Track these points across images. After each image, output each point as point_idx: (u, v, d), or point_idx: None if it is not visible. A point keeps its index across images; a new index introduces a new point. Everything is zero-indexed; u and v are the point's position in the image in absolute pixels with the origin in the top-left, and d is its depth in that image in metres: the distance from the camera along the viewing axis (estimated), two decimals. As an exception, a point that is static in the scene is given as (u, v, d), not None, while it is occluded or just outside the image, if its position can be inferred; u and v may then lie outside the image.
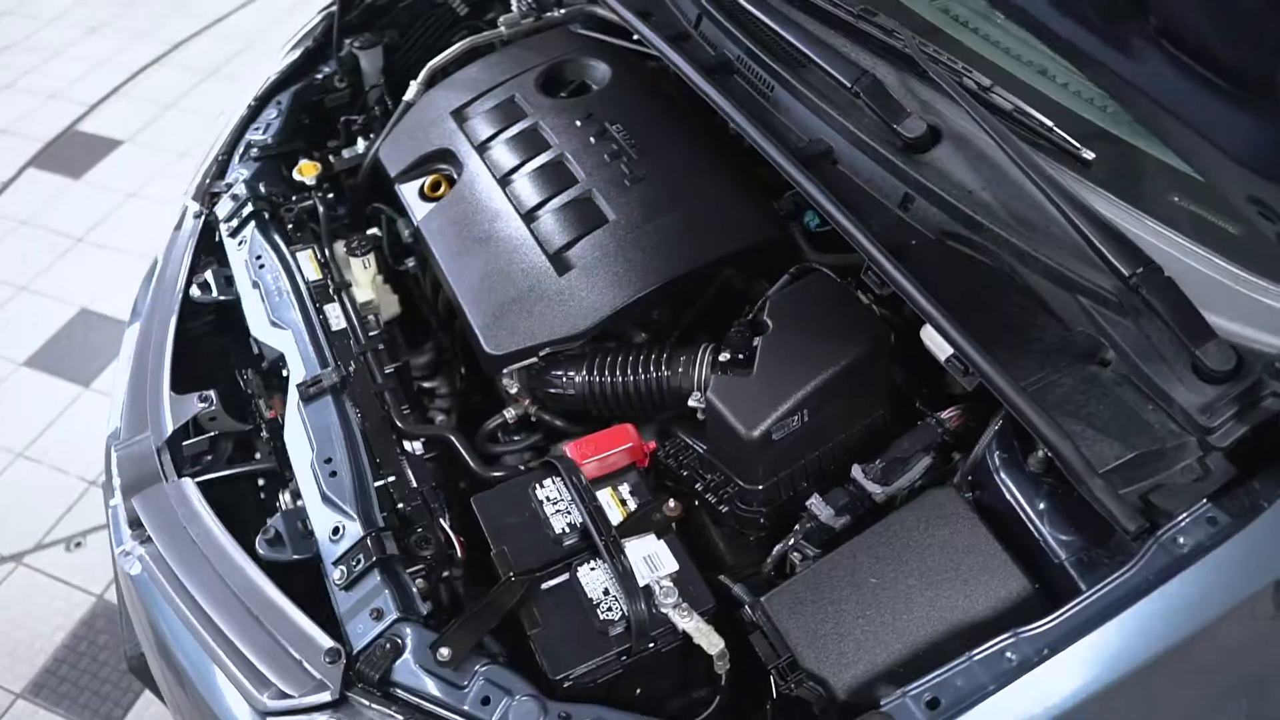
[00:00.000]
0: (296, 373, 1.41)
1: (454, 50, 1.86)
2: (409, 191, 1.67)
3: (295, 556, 1.25)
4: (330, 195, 1.76)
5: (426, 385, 1.67)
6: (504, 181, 1.56)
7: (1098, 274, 1.16)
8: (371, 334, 1.52)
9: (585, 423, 1.49)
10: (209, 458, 1.45)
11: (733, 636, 1.13)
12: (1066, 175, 1.22)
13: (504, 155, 1.60)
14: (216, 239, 1.71)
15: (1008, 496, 1.13)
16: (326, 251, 1.64)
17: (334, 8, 1.98)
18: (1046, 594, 1.06)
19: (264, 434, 1.47)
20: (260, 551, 1.26)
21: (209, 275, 1.61)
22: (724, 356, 1.28)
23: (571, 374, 1.37)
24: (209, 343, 1.65)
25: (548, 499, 1.24)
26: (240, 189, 1.71)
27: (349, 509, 1.23)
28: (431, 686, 1.08)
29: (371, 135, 1.87)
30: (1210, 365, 1.06)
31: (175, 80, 3.97)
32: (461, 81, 1.77)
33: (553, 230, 1.47)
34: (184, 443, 1.42)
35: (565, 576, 1.17)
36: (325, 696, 1.08)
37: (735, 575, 1.22)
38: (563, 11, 1.90)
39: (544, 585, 1.16)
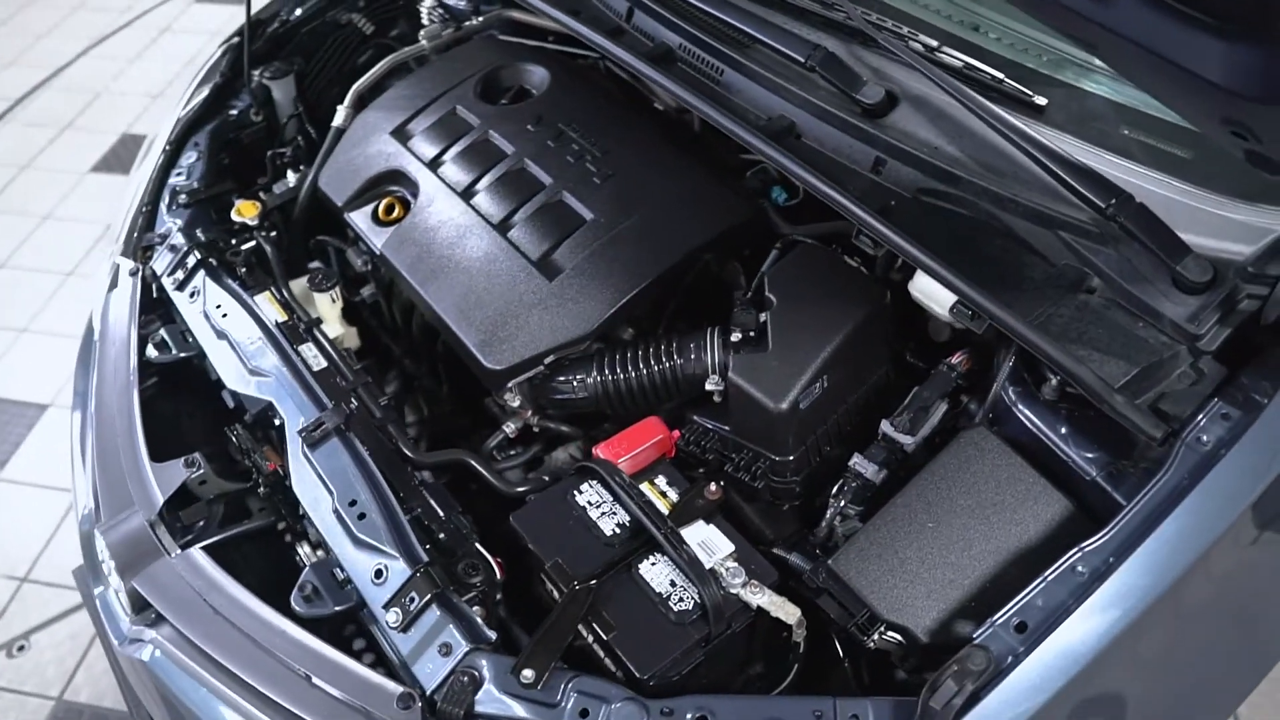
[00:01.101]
0: (293, 419, 1.34)
1: (378, 70, 1.81)
2: (360, 219, 1.61)
3: (337, 608, 1.20)
4: (273, 233, 1.68)
5: None
6: (467, 195, 1.53)
7: (1073, 209, 1.25)
8: (356, 369, 1.47)
9: (588, 425, 1.49)
10: (201, 524, 1.37)
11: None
12: (1026, 122, 1.30)
13: (460, 169, 1.57)
14: (155, 295, 1.61)
15: (1030, 427, 1.20)
16: (285, 291, 1.57)
17: (236, 39, 1.89)
18: (1085, 511, 1.13)
19: (261, 489, 1.40)
20: (298, 609, 1.20)
21: (164, 333, 1.51)
22: (736, 337, 1.30)
23: (581, 377, 1.36)
24: (159, 405, 1.55)
25: (590, 503, 1.24)
26: (178, 239, 1.61)
27: (388, 549, 1.19)
28: (522, 711, 1.06)
29: (302, 167, 1.79)
30: (1191, 278, 1.15)
31: (25, 139, 3.67)
32: (394, 101, 1.72)
33: (531, 237, 1.46)
34: (180, 512, 1.34)
35: (626, 576, 1.17)
36: (410, 743, 1.05)
37: (782, 546, 1.25)
38: (480, 19, 1.87)
39: (607, 588, 1.16)
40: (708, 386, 1.32)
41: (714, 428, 1.36)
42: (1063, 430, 1.19)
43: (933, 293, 1.34)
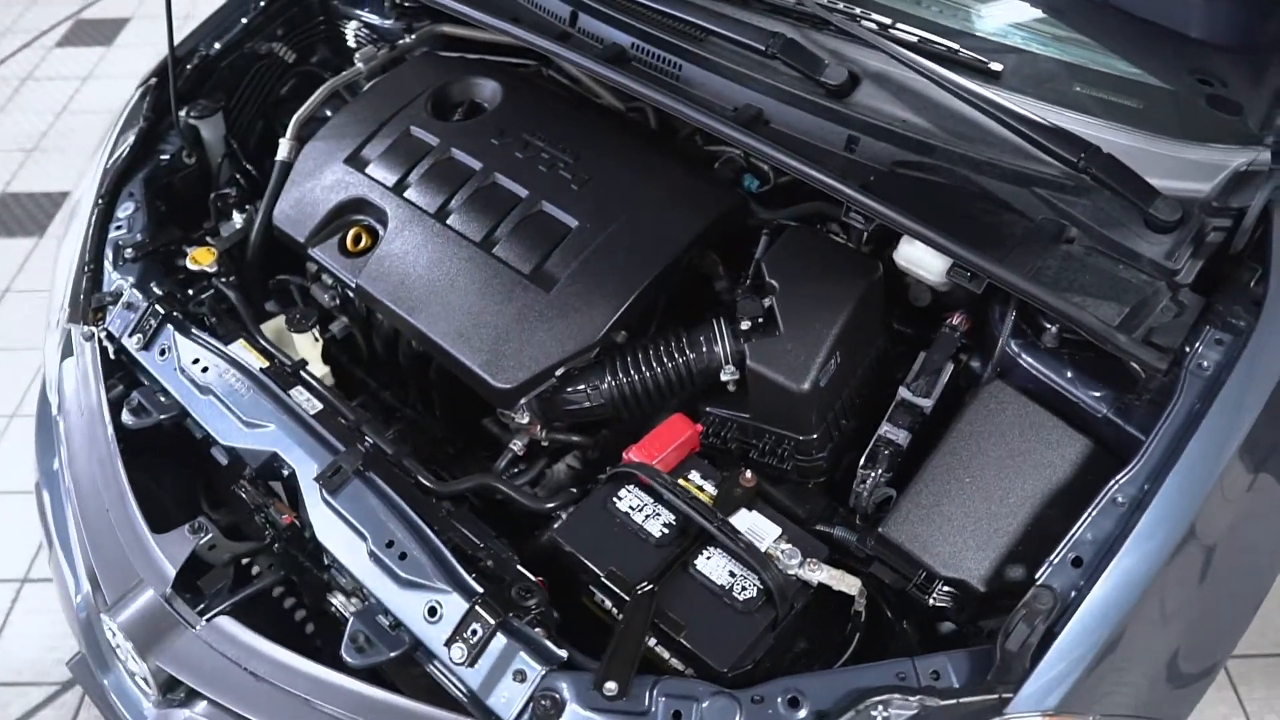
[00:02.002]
0: (305, 467, 1.29)
1: (317, 97, 1.75)
2: (326, 253, 1.56)
3: (392, 654, 1.16)
4: (232, 278, 1.60)
5: None
6: (441, 216, 1.50)
7: (1043, 166, 1.32)
8: (354, 406, 1.42)
9: (594, 432, 1.48)
10: (219, 590, 1.30)
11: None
12: (988, 89, 1.37)
13: (428, 191, 1.54)
14: (115, 358, 1.51)
15: (1037, 375, 1.27)
16: (260, 336, 1.51)
17: (154, 80, 1.79)
18: (1103, 446, 1.21)
19: (276, 546, 1.34)
20: (351, 661, 1.16)
21: (139, 397, 1.42)
22: (746, 325, 1.32)
23: (595, 383, 1.36)
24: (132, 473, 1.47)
25: (631, 508, 1.24)
26: (133, 296, 1.52)
27: (437, 584, 1.16)
28: (611, 723, 1.05)
29: (248, 207, 1.72)
30: (1162, 218, 1.24)
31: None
32: (341, 128, 1.67)
33: (518, 251, 1.44)
34: (199, 580, 1.27)
35: (683, 574, 1.18)
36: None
37: (821, 522, 1.28)
38: (413, 37, 1.83)
39: (668, 589, 1.16)
40: (723, 377, 1.34)
41: (731, 417, 1.38)
42: (1068, 375, 1.26)
43: (919, 259, 1.40)
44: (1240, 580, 1.24)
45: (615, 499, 1.25)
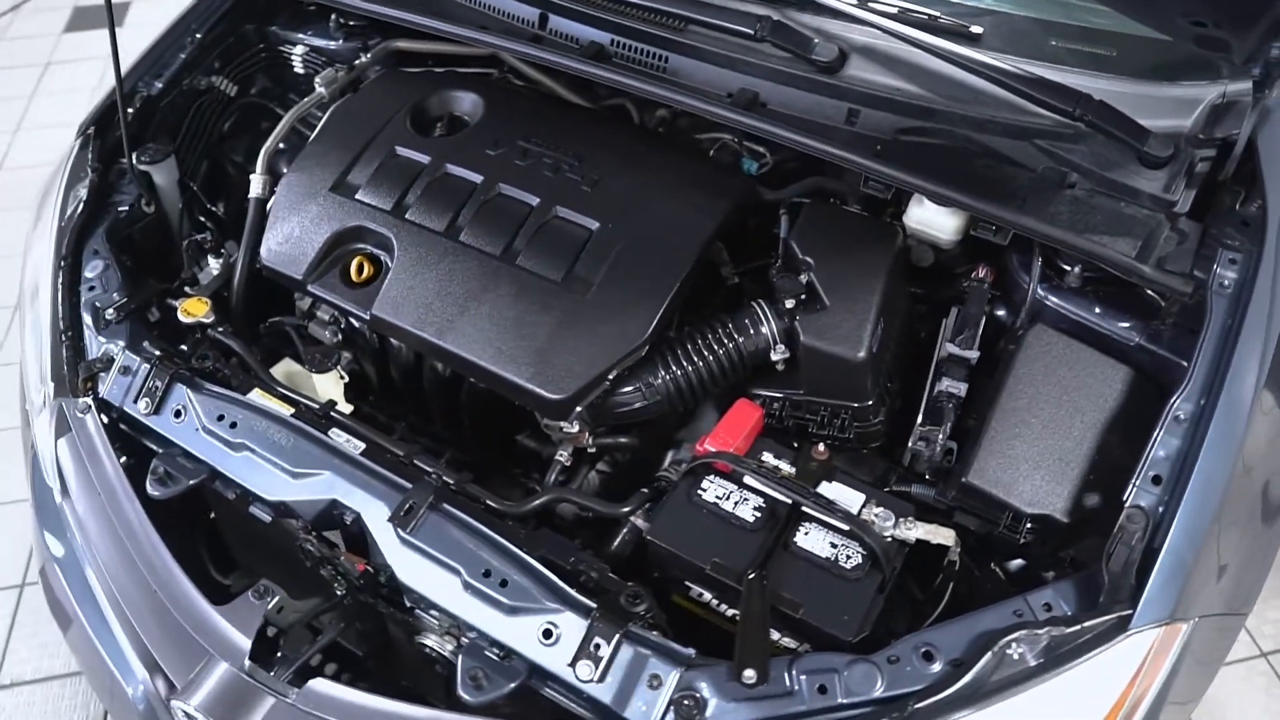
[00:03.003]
0: (372, 510, 1.24)
1: (283, 127, 1.66)
2: (329, 288, 1.49)
3: (511, 685, 1.13)
4: (227, 326, 1.51)
5: None
6: (452, 234, 1.46)
7: (1036, 118, 1.39)
8: (399, 439, 1.37)
9: (639, 432, 1.48)
10: (302, 652, 1.23)
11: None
12: (973, 50, 1.44)
13: (432, 210, 1.49)
14: (114, 427, 1.41)
15: (1068, 315, 1.35)
16: (277, 382, 1.43)
17: (91, 129, 1.66)
18: (1141, 373, 1.29)
19: (346, 598, 1.27)
20: (470, 699, 1.12)
21: (162, 465, 1.32)
22: (790, 303, 1.35)
23: (648, 380, 1.35)
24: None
25: (719, 498, 1.24)
26: (129, 359, 1.41)
27: (549, 605, 1.14)
28: (761, 711, 1.06)
29: (223, 250, 1.62)
30: (1157, 154, 1.33)
31: None
32: (318, 157, 1.59)
33: (543, 259, 1.41)
34: (281, 647, 1.20)
35: (786, 554, 1.20)
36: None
37: (896, 482, 1.33)
38: (368, 56, 1.76)
39: (775, 570, 1.18)
40: (774, 357, 1.36)
41: (783, 395, 1.40)
42: (1096, 310, 1.34)
43: (931, 220, 1.46)
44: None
45: (700, 491, 1.25)
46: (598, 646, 1.11)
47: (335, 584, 1.27)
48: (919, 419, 1.34)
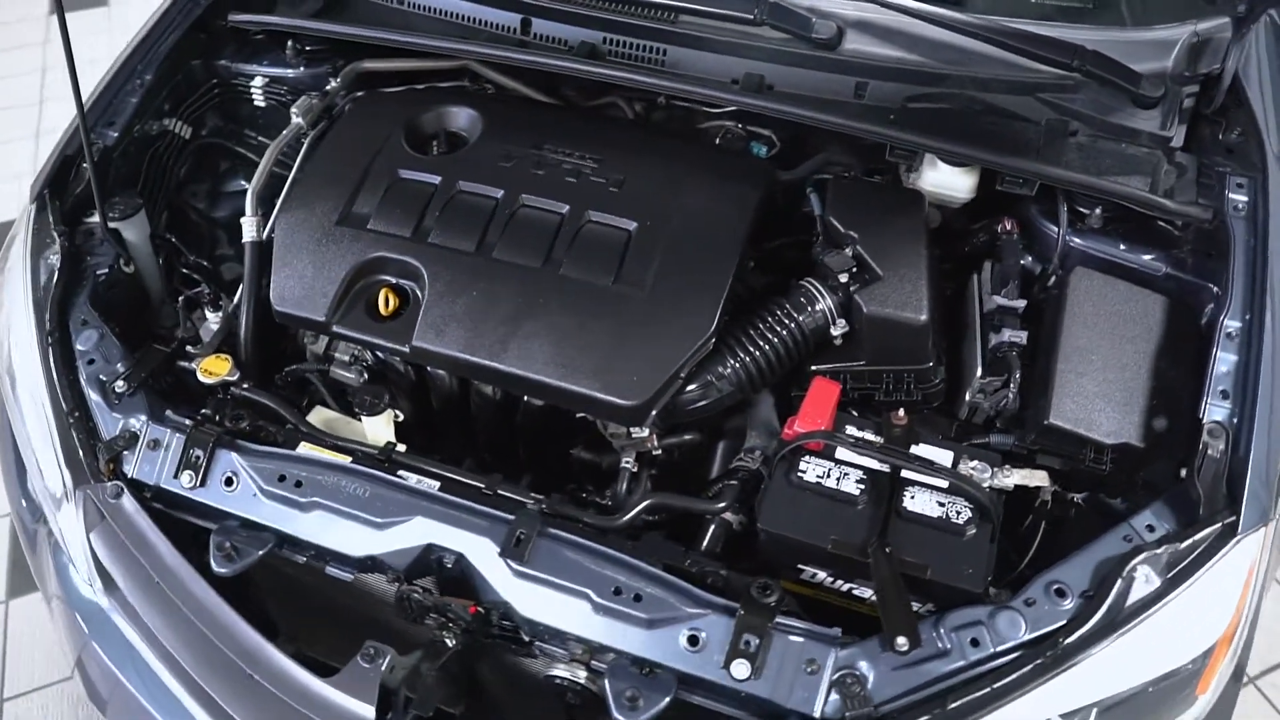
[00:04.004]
0: (476, 547, 1.18)
1: (266, 164, 1.55)
2: (357, 326, 1.41)
3: (667, 699, 1.10)
4: (247, 383, 1.41)
5: None
6: (484, 252, 1.41)
7: (1031, 73, 1.46)
8: (470, 470, 1.31)
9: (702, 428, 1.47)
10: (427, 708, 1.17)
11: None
12: (968, 15, 1.49)
13: (456, 230, 1.43)
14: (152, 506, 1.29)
15: (1097, 254, 1.42)
16: (322, 434, 1.35)
17: (45, 190, 1.51)
18: (1172, 298, 1.38)
19: (457, 644, 1.21)
20: (627, 720, 1.09)
21: (228, 541, 1.22)
22: (844, 278, 1.37)
23: (719, 371, 1.35)
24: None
25: (819, 477, 1.25)
26: (156, 432, 1.30)
27: (690, 611, 1.12)
28: (920, 675, 1.08)
29: (222, 302, 1.50)
30: (1150, 94, 1.42)
31: None
32: (314, 192, 1.49)
33: (587, 266, 1.38)
34: (411, 708, 1.13)
35: (898, 520, 1.21)
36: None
37: (965, 437, 1.37)
38: (339, 80, 1.67)
39: (893, 537, 1.19)
40: (834, 332, 1.38)
41: (844, 369, 1.41)
42: (1121, 246, 1.42)
43: (946, 182, 1.52)
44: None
45: (799, 473, 1.25)
46: (748, 644, 1.10)
47: (445, 630, 1.21)
48: (979, 371, 1.39)
